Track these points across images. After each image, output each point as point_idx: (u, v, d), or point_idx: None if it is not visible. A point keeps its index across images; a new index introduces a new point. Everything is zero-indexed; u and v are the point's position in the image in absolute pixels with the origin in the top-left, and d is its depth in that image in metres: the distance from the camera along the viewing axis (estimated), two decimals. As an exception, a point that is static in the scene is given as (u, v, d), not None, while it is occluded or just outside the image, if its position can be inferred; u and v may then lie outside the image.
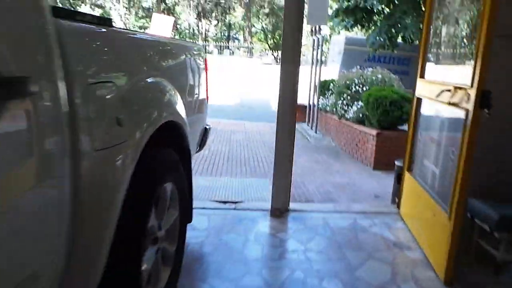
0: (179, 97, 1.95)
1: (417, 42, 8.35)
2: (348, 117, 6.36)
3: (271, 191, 3.00)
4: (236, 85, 18.39)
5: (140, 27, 30.60)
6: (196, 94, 2.52)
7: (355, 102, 6.29)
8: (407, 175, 3.13)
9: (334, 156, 6.22)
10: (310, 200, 3.92)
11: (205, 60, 2.72)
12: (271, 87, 18.45)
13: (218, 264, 2.35)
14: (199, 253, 2.49)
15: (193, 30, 38.32)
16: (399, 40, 9.86)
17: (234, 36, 41.03)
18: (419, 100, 3.05)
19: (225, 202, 3.13)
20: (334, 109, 7.05)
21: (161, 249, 1.75)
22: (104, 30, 1.36)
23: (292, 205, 3.15)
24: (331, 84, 7.73)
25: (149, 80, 1.65)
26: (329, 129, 7.73)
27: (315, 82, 8.28)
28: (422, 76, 3.02)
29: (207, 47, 32.67)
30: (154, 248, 1.66)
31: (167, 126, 1.72)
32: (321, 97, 8.16)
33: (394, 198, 3.31)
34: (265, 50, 38.20)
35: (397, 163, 3.37)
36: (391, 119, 5.27)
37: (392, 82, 6.23)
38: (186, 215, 2.07)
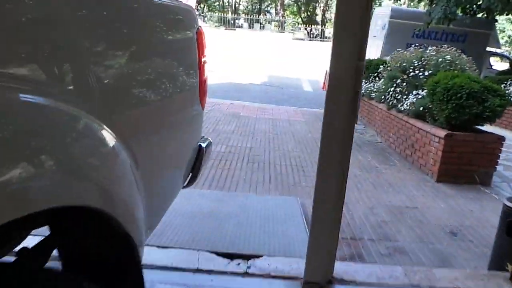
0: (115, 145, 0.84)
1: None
2: (402, 108, 5.03)
3: (306, 249, 1.85)
4: (264, 63, 17.04)
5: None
6: (176, 96, 1.39)
7: (413, 91, 4.93)
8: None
9: (381, 158, 4.96)
10: (358, 238, 2.75)
11: (199, 36, 1.56)
12: (303, 65, 16.98)
13: None
14: None
15: (223, 2, 36.63)
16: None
17: (266, 9, 39.01)
18: None
19: (231, 257, 2.01)
20: (383, 97, 5.71)
21: None
22: None
23: (338, 269, 1.98)
24: (380, 66, 6.33)
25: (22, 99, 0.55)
26: (373, 120, 6.41)
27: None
28: None
29: (236, 21, 31.04)
30: None
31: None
32: (364, 80, 6.79)
33: (503, 261, 2.07)
34: (298, 24, 36.09)
35: (507, 203, 2.12)
36: (467, 117, 3.93)
37: (463, 65, 4.80)
38: None
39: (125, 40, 1.02)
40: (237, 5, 36.64)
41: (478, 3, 6.92)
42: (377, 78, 6.55)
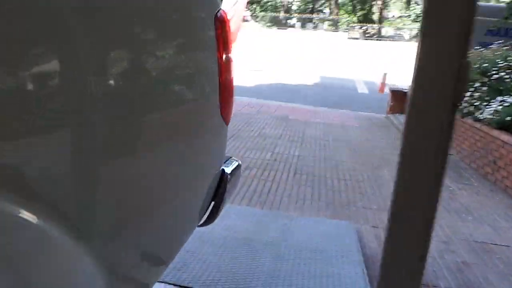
0: None
1: None
2: (482, 117, 4.23)
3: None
4: (317, 63, 16.34)
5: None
6: (178, 107, 0.94)
7: (497, 97, 4.12)
8: None
9: (453, 175, 4.20)
10: (431, 285, 2.14)
11: (220, 22, 1.09)
12: (358, 66, 16.03)
13: None
14: None
15: (275, 2, 36.22)
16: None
17: (319, 8, 37.97)
18: None
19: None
20: (455, 103, 4.90)
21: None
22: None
23: None
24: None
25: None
26: (441, 128, 5.59)
27: (424, 62, 6.11)
28: None
29: (289, 20, 30.47)
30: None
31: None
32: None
33: None
34: (353, 23, 34.72)
35: None
36: None
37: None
38: None
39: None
40: (289, 5, 36.06)
41: None
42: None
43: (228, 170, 1.31)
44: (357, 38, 26.47)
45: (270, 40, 18.87)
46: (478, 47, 5.47)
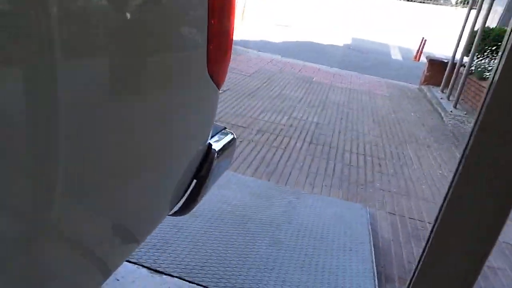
0: None
1: None
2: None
3: None
4: (350, 22, 15.31)
5: None
6: (150, 57, 0.62)
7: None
8: None
9: None
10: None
11: None
12: (394, 29, 14.91)
13: None
14: None
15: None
16: None
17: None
18: None
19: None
20: (501, 79, 4.34)
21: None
22: None
23: None
24: (503, 37, 4.85)
25: None
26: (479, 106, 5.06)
27: (472, 30, 5.44)
28: None
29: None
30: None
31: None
32: (476, 54, 5.35)
33: None
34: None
35: None
36: None
37: None
38: None
39: None
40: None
41: None
42: (495, 54, 5.09)
43: (216, 145, 1.01)
44: (397, -1, 24.69)
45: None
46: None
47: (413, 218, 2.47)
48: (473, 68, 5.32)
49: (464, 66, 5.50)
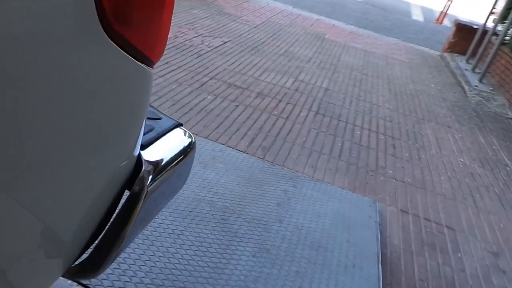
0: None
1: None
2: None
3: None
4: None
5: None
6: None
7: None
8: None
9: (513, 148, 3.34)
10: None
11: None
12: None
13: None
14: None
15: None
16: None
17: None
18: None
19: None
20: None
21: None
22: None
23: None
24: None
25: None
26: (508, 82, 4.53)
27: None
28: None
29: None
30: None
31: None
32: (503, 22, 4.71)
33: None
34: None
35: None
36: None
37: None
38: None
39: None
40: None
41: None
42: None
43: (153, 161, 0.59)
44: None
45: None
46: None
47: (428, 219, 2.09)
48: (508, 38, 4.70)
49: (497, 35, 4.88)
